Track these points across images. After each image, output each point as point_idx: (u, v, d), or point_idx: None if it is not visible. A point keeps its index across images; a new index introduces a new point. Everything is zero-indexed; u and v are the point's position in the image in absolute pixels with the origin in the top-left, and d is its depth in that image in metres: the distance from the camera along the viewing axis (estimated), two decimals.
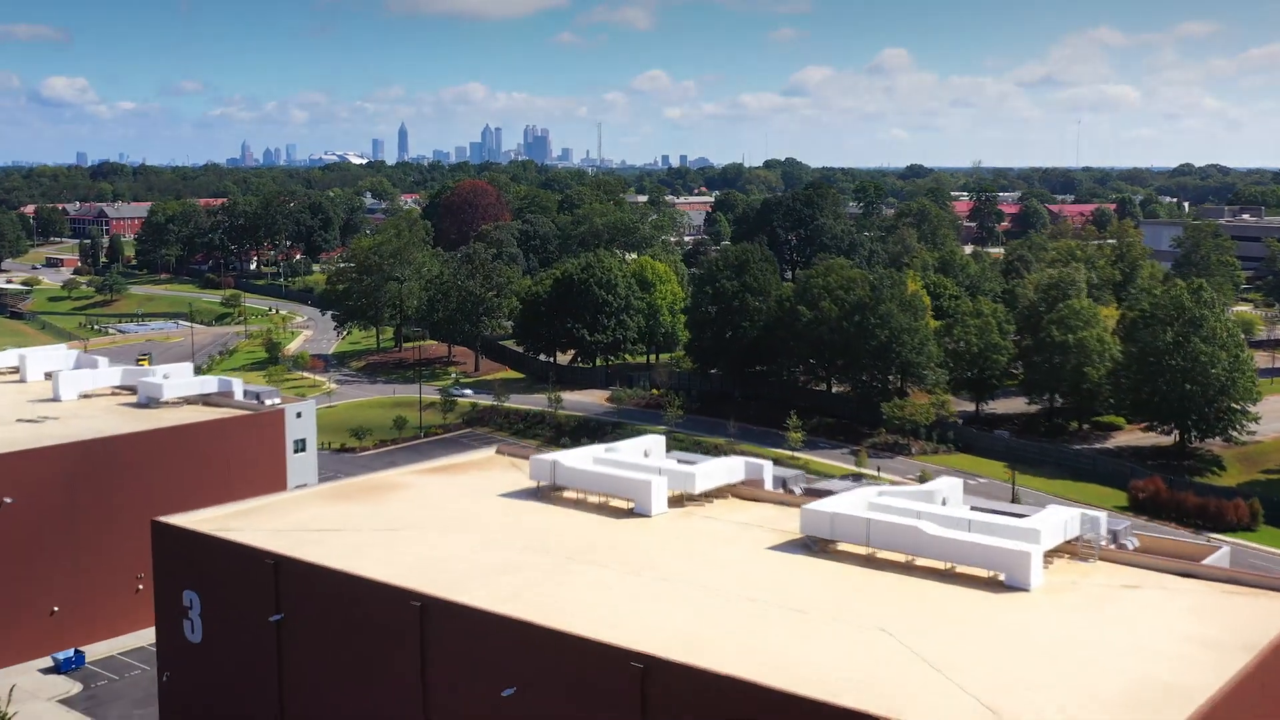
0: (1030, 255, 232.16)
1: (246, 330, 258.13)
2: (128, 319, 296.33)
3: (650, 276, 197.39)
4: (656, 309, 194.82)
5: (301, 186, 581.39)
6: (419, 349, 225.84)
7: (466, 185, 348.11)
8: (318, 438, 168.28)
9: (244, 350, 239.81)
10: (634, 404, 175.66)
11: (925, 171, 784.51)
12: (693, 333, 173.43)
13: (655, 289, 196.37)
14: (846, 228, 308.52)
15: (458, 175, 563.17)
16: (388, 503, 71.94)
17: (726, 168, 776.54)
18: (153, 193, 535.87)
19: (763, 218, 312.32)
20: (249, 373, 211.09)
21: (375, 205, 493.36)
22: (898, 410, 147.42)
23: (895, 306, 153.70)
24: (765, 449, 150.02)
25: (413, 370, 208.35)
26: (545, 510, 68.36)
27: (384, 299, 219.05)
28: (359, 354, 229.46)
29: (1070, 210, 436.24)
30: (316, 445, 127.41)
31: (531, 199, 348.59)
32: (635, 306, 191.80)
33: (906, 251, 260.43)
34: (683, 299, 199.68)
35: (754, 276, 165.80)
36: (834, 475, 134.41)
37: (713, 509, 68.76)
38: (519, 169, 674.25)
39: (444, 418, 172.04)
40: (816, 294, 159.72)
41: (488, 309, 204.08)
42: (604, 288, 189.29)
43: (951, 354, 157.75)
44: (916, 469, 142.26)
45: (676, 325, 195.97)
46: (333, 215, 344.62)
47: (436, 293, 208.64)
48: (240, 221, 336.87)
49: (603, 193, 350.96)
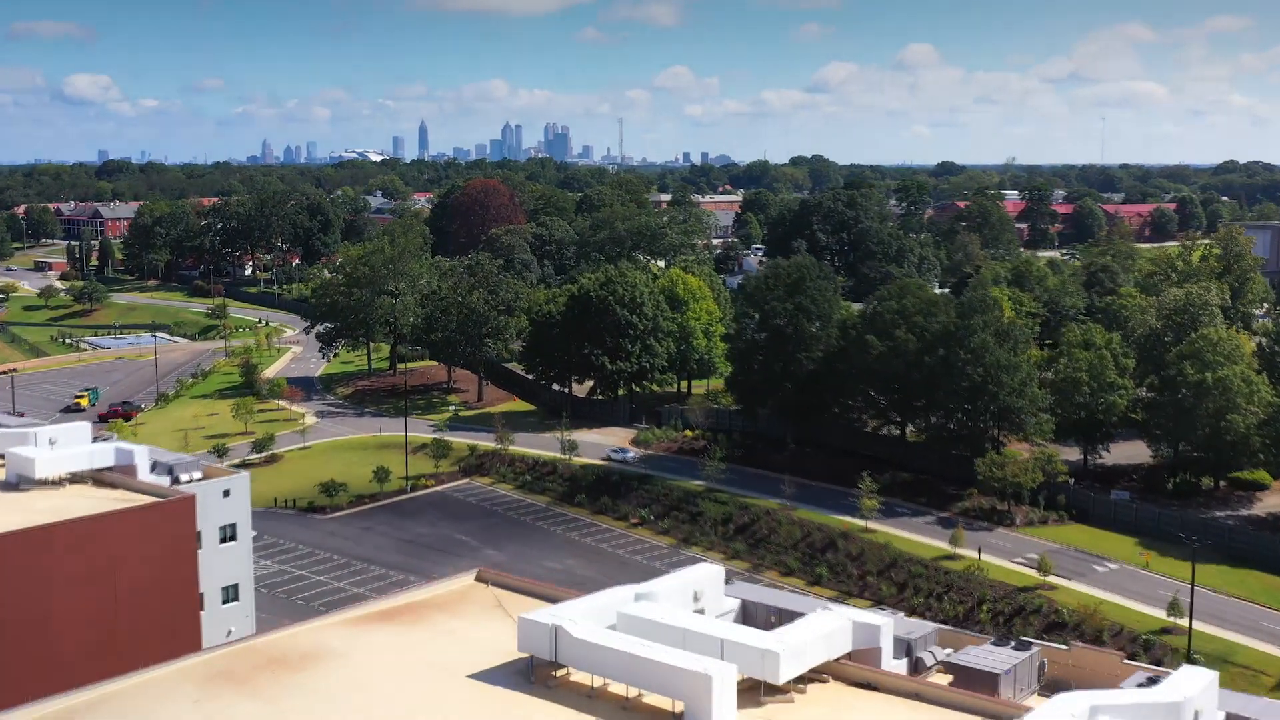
0: (1115, 265, 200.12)
1: (227, 347, 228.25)
2: (105, 331, 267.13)
3: (682, 293, 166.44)
4: (689, 331, 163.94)
5: (310, 185, 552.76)
6: (416, 372, 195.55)
7: (477, 184, 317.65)
8: (283, 493, 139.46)
9: (221, 371, 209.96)
10: (663, 448, 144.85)
11: (957, 169, 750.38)
12: (736, 364, 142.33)
13: (688, 308, 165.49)
14: (893, 231, 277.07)
15: (473, 173, 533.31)
16: (296, 693, 40.67)
17: (752, 165, 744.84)
18: (154, 192, 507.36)
19: (801, 220, 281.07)
20: (220, 400, 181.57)
21: (385, 205, 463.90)
22: (996, 469, 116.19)
23: (991, 337, 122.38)
24: (830, 516, 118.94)
25: (407, 399, 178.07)
26: (537, 712, 37.23)
27: (376, 315, 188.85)
28: (348, 377, 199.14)
29: (1127, 211, 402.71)
30: (255, 526, 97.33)
31: (547, 199, 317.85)
32: (664, 329, 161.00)
33: (968, 260, 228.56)
34: (718, 317, 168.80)
35: (811, 297, 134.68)
36: (969, 635, 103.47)
37: (809, 708, 37.92)
38: (536, 167, 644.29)
39: (435, 465, 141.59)
40: (889, 320, 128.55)
41: (493, 330, 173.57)
42: (628, 307, 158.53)
43: (1055, 392, 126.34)
44: (1026, 547, 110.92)
45: (713, 350, 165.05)
46: (333, 217, 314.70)
47: (434, 309, 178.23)
48: (233, 223, 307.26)
49: (624, 192, 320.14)
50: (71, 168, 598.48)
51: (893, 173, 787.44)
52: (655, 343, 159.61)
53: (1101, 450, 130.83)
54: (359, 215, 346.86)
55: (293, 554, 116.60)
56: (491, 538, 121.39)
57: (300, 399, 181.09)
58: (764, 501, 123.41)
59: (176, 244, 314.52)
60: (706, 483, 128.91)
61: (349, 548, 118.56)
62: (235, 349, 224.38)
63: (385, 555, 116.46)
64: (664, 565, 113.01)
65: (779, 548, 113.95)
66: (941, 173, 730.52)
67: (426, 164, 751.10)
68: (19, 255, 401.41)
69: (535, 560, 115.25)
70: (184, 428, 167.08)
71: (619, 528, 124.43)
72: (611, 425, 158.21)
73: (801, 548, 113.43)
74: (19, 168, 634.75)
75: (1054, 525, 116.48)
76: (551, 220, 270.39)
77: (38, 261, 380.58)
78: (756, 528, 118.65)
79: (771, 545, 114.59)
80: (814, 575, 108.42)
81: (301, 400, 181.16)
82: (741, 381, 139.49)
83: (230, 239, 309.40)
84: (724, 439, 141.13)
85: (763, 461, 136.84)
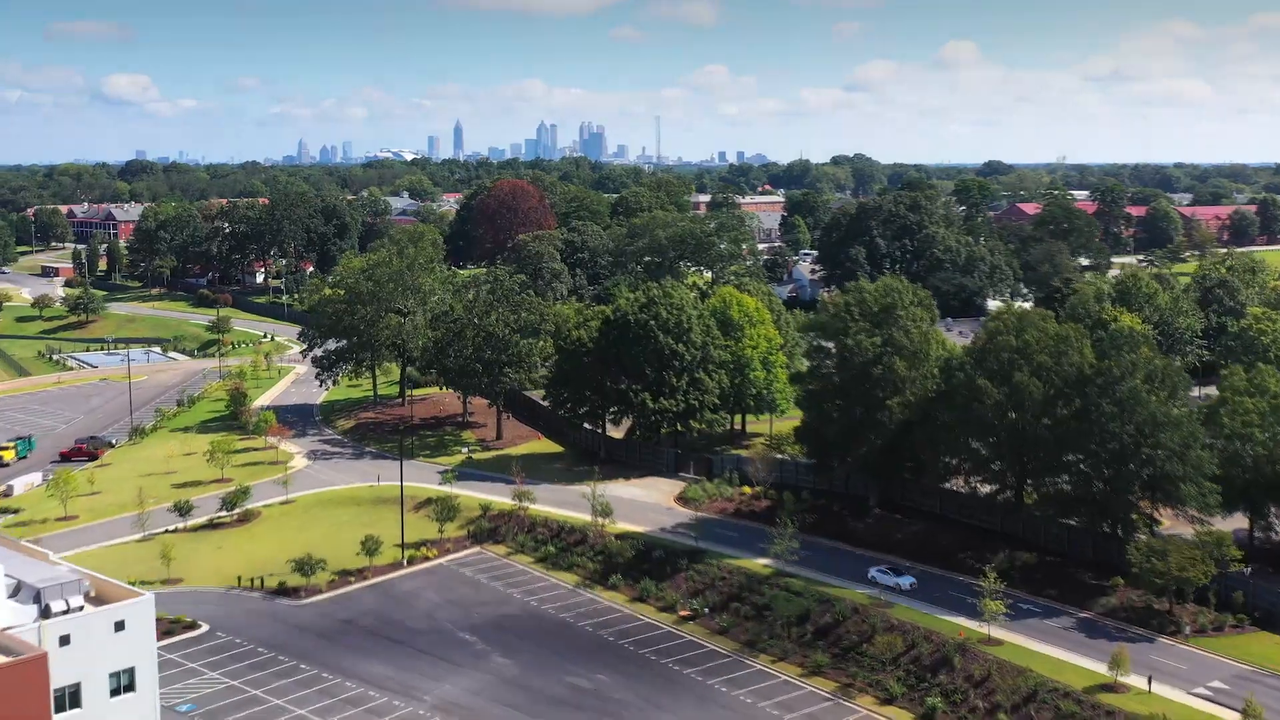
0: (1235, 280, 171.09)
1: (220, 368, 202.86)
2: (99, 345, 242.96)
3: (736, 316, 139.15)
4: (745, 362, 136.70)
5: (336, 185, 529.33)
6: (427, 400, 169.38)
7: (505, 186, 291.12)
8: (252, 566, 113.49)
9: (211, 396, 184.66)
10: (716, 509, 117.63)
11: (1005, 168, 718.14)
12: (808, 409, 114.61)
13: (743, 333, 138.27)
14: (961, 238, 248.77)
15: (505, 174, 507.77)
16: None
17: (792, 164, 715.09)
18: (175, 192, 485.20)
19: (857, 224, 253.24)
20: (203, 435, 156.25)
21: (411, 206, 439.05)
22: (1155, 559, 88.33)
23: (1142, 384, 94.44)
24: (938, 617, 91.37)
25: (415, 435, 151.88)
26: None
27: (382, 337, 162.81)
28: (351, 406, 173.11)
29: (1202, 213, 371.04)
30: (209, 616, 72.71)
31: (580, 202, 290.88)
32: (716, 359, 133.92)
33: (1055, 271, 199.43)
34: (779, 344, 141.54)
35: (903, 329, 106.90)
36: None
37: None
38: (570, 166, 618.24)
39: (440, 529, 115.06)
40: (1006, 359, 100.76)
41: (514, 357, 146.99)
42: (673, 334, 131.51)
43: (1218, 451, 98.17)
44: (1207, 669, 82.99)
45: (774, 384, 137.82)
46: (350, 220, 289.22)
47: (447, 332, 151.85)
48: (241, 228, 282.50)
49: (663, 194, 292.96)
50: (94, 168, 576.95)
51: (937, 172, 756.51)
52: (705, 376, 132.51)
53: (1271, 523, 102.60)
54: (379, 219, 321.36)
55: (249, 661, 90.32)
56: (500, 637, 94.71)
57: (291, 434, 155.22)
58: (849, 592, 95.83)
59: (182, 249, 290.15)
60: (774, 562, 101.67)
61: (321, 651, 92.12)
62: (233, 369, 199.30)
63: (366, 664, 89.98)
64: (722, 683, 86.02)
65: (874, 662, 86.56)
66: (989, 172, 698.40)
67: (458, 164, 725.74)
68: (27, 259, 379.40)
69: (557, 667, 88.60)
70: (151, 471, 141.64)
71: (664, 622, 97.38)
72: (653, 474, 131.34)
73: (905, 664, 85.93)
74: (40, 168, 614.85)
75: (1232, 634, 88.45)
76: (584, 225, 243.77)
77: (45, 266, 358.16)
78: (842, 631, 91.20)
79: (865, 659, 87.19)
80: (924, 708, 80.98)
81: (293, 436, 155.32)
82: (815, 431, 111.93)
83: (239, 244, 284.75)
84: (791, 498, 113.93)
85: (841, 530, 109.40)
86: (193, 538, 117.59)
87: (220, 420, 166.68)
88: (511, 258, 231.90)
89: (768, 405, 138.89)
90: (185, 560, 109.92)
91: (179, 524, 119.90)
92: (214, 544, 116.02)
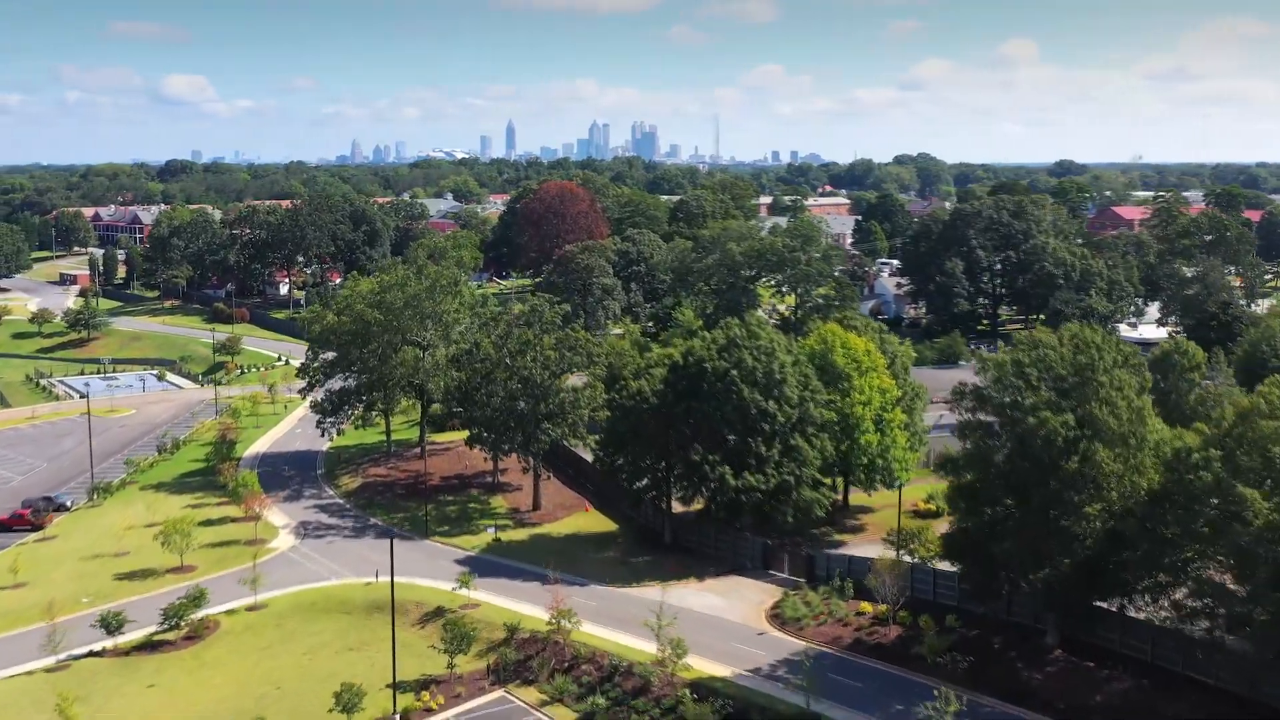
0: None
1: (218, 399, 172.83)
2: (97, 366, 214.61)
3: (841, 361, 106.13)
4: (854, 422, 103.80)
5: (379, 187, 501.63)
6: (451, 451, 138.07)
7: (552, 188, 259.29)
8: None
9: (202, 438, 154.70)
10: (827, 637, 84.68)
11: (1078, 168, 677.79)
12: (962, 511, 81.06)
13: (851, 384, 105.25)
14: (1077, 250, 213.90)
15: (555, 174, 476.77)
16: None
17: (854, 164, 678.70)
18: (210, 193, 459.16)
19: (953, 232, 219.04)
20: (178, 495, 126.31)
21: (454, 208, 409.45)
22: None
23: None
24: None
25: (433, 501, 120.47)
26: None
27: (395, 376, 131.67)
28: (360, 457, 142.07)
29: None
30: None
31: (635, 207, 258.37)
32: (817, 419, 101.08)
33: (1210, 293, 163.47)
34: (895, 397, 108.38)
35: (1108, 406, 73.28)
36: None
37: None
38: (623, 166, 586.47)
39: (449, 662, 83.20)
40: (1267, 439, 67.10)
41: (553, 410, 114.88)
42: (762, 387, 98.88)
43: None
44: None
45: (890, 449, 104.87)
46: (381, 226, 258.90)
47: (473, 374, 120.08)
48: (261, 234, 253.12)
49: (727, 197, 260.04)
50: (131, 168, 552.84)
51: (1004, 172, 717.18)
52: (803, 442, 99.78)
53: None
54: (415, 223, 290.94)
55: None
56: None
57: (284, 497, 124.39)
58: None
59: (198, 258, 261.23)
60: None
61: None
62: (234, 401, 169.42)
63: None
64: None
65: None
66: (1061, 172, 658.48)
67: (507, 163, 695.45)
68: (45, 266, 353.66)
69: None
70: (99, 552, 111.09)
71: None
72: (734, 572, 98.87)
73: None
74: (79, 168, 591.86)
75: None
76: (641, 234, 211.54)
77: (62, 273, 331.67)
78: None
79: None
80: None
81: (285, 499, 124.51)
82: (973, 543, 78.64)
83: (259, 253, 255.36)
84: (932, 627, 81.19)
85: (1013, 683, 76.10)
86: (121, 667, 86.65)
87: (203, 475, 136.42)
88: (558, 271, 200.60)
89: (883, 477, 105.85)
90: (100, 711, 79.02)
91: (106, 643, 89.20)
92: (146, 679, 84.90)
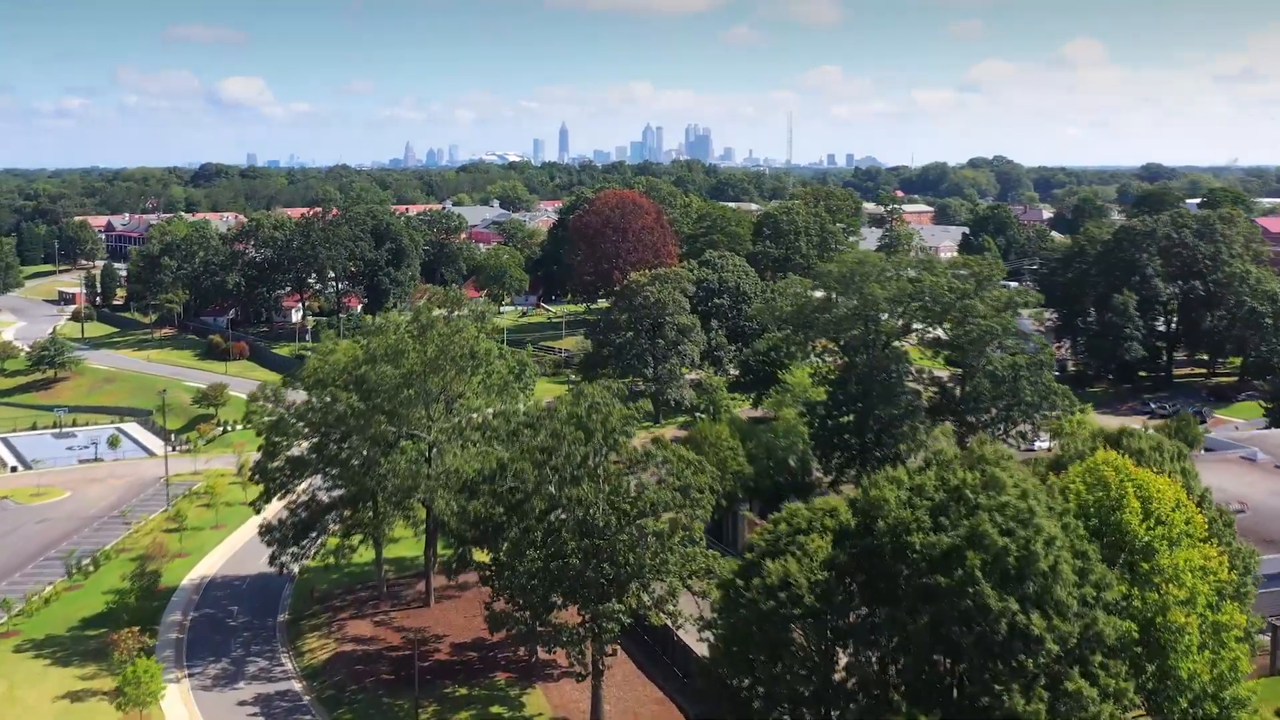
0: None
1: (169, 485, 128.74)
2: (55, 415, 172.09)
3: (1133, 524, 59.24)
4: (1166, 636, 57.13)
5: (421, 193, 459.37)
6: (469, 592, 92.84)
7: (610, 197, 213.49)
8: None
9: (139, 545, 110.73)
10: None
11: (1169, 172, 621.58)
12: None
13: (1156, 563, 58.49)
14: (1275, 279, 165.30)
15: (610, 179, 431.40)
16: None
17: (928, 168, 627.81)
18: (240, 200, 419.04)
19: (1116, 255, 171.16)
20: (64, 667, 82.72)
21: (501, 216, 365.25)
22: None
23: None
24: None
25: (435, 694, 75.40)
26: None
27: (385, 486, 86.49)
28: (341, 593, 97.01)
29: None
30: None
31: (711, 221, 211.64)
32: (1105, 635, 54.52)
33: None
34: (1223, 583, 61.31)
35: None
36: None
37: None
38: (683, 170, 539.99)
39: None
40: None
41: (632, 571, 69.01)
42: (1014, 585, 52.48)
43: None
44: None
45: (1226, 681, 58.13)
46: (408, 243, 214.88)
47: (493, 501, 74.54)
48: (266, 253, 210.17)
49: (822, 209, 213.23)
50: (161, 172, 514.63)
51: (1089, 176, 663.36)
52: (1083, 684, 53.29)
53: None
54: (451, 237, 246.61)
55: None
56: None
57: (211, 678, 79.57)
58: None
59: (194, 280, 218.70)
60: None
61: None
62: (207, 477, 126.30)
63: None
64: None
65: None
66: (1151, 176, 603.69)
67: (559, 167, 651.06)
68: (44, 283, 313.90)
69: None
70: None
71: None
72: None
73: None
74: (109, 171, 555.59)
75: None
76: (724, 258, 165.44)
77: (61, 292, 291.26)
78: None
79: None
80: None
81: (214, 680, 79.78)
82: None
83: (263, 275, 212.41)
84: None
85: None
86: None
87: (115, 622, 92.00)
88: (621, 304, 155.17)
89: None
90: None
91: None
92: None
